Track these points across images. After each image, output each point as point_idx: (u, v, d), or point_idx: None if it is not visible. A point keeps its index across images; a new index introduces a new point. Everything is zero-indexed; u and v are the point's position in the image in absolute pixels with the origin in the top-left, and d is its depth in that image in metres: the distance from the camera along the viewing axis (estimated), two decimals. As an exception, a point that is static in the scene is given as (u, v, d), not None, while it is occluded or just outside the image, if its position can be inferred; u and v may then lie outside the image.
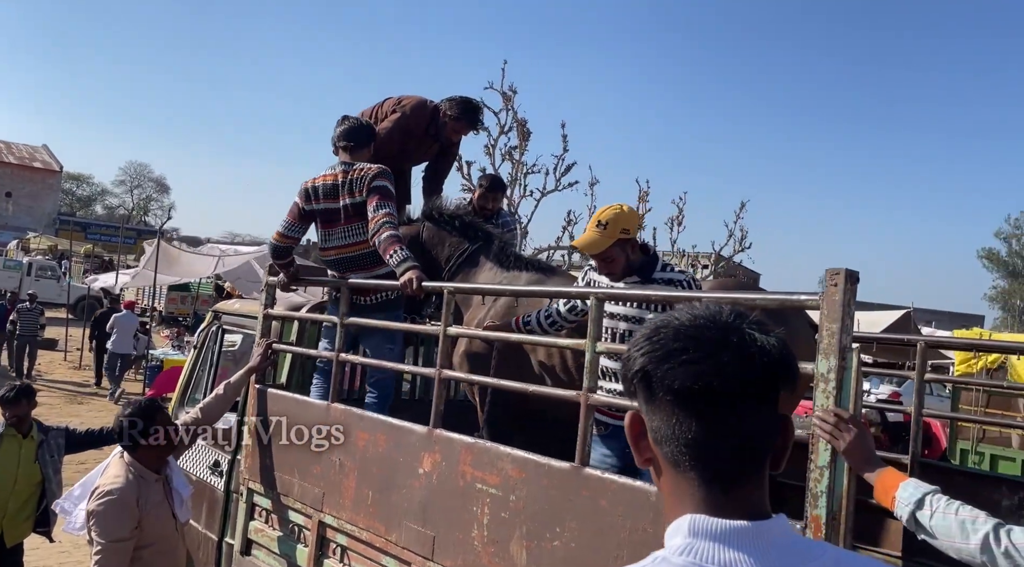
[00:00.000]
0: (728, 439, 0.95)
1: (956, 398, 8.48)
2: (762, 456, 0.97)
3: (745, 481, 0.96)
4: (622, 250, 3.12)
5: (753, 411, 0.95)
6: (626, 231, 3.09)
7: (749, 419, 0.95)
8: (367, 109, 4.89)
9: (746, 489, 0.96)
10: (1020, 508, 3.20)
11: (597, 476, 2.46)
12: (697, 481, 0.96)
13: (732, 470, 0.95)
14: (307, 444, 3.56)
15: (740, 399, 0.94)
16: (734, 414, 0.94)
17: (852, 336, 1.97)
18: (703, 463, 0.95)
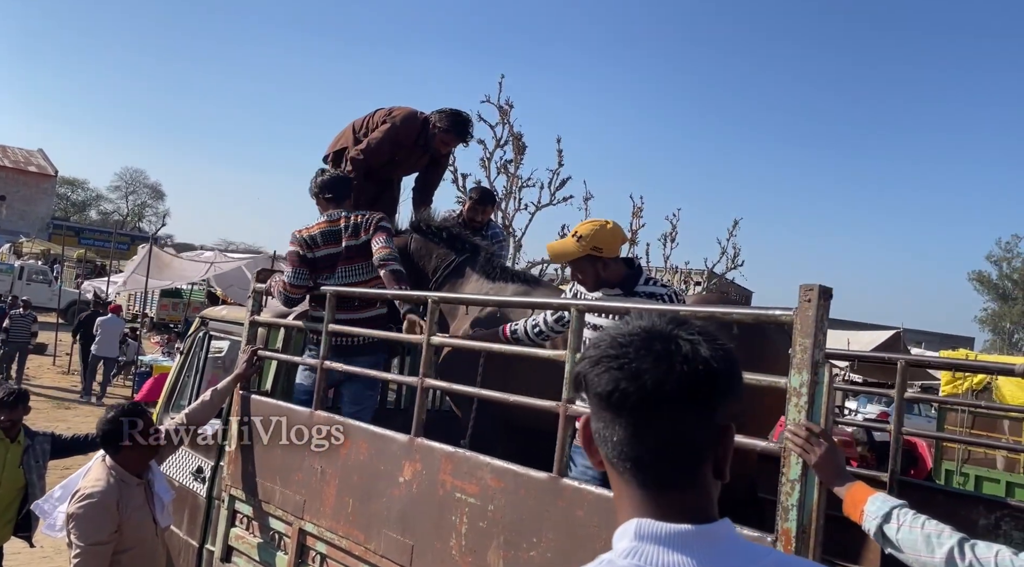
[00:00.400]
0: (653, 444, 0.97)
1: (942, 418, 8.53)
2: (694, 461, 0.99)
3: (682, 485, 0.98)
4: (591, 266, 3.12)
5: (676, 416, 0.97)
6: (598, 249, 3.07)
7: (671, 424, 0.97)
8: (358, 120, 4.93)
9: (684, 494, 0.98)
10: (997, 527, 3.22)
11: (574, 486, 2.47)
12: (633, 484, 0.99)
13: (662, 474, 0.98)
14: (289, 451, 3.57)
15: (657, 404, 0.96)
16: (654, 418, 0.97)
17: (825, 351, 2.00)
18: (634, 466, 0.98)
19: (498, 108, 15.29)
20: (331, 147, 5.02)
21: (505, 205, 15.60)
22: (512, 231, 15.50)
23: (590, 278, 3.15)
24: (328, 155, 5.02)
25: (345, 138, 4.92)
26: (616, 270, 3.17)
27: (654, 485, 0.98)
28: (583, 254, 3.08)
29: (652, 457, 0.98)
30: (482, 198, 5.20)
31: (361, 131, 4.85)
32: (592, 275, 3.14)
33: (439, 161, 5.06)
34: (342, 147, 4.90)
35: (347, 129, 4.97)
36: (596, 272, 3.13)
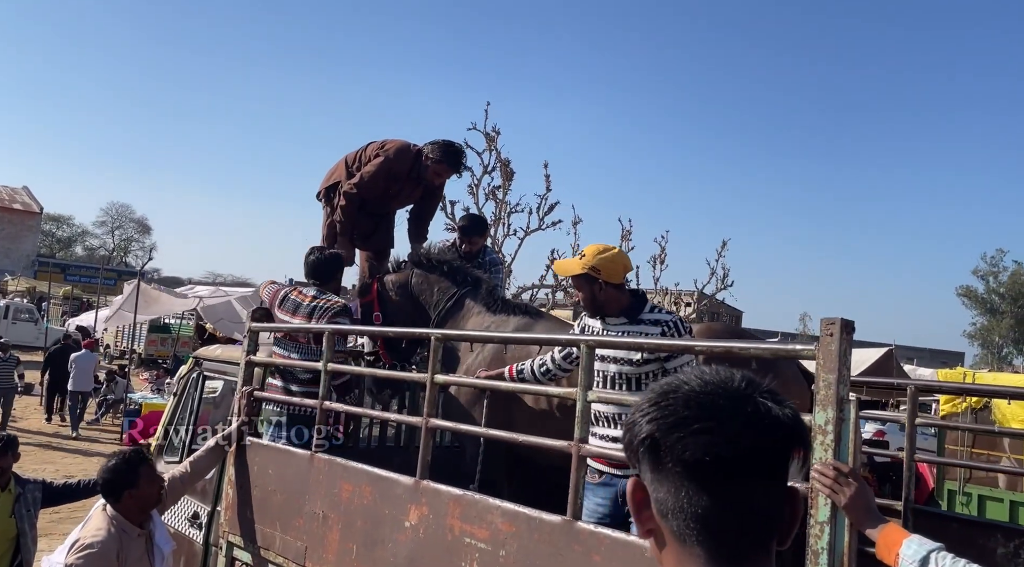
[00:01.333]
0: (739, 514, 0.90)
1: (942, 438, 8.47)
2: (772, 531, 0.93)
3: (753, 557, 0.91)
4: (588, 286, 3.17)
5: (765, 484, 0.91)
6: (596, 271, 3.14)
7: (761, 493, 0.91)
8: (351, 154, 4.90)
9: (753, 565, 0.91)
10: (1016, 555, 3.16)
11: (590, 530, 2.39)
12: (703, 557, 0.91)
13: (740, 546, 0.91)
14: (289, 496, 3.47)
15: (753, 472, 0.90)
16: (746, 488, 0.90)
17: (849, 387, 1.94)
18: (711, 539, 0.90)
19: (485, 135, 15.37)
20: (324, 183, 4.97)
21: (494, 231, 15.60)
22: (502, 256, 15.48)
23: (587, 298, 3.21)
24: (320, 191, 4.98)
25: (338, 173, 4.88)
26: (617, 298, 3.19)
27: (727, 559, 0.90)
28: (580, 272, 3.16)
29: (736, 529, 0.90)
30: (471, 228, 5.16)
31: (354, 165, 4.82)
32: (588, 295, 3.20)
33: (433, 192, 5.03)
34: (335, 181, 4.86)
35: (340, 163, 4.93)
36: (593, 293, 3.18)
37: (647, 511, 0.96)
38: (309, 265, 4.29)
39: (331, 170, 4.98)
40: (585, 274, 3.16)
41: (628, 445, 0.97)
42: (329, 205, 4.87)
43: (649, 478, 0.95)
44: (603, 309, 3.20)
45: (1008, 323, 56.49)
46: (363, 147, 4.88)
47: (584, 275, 3.16)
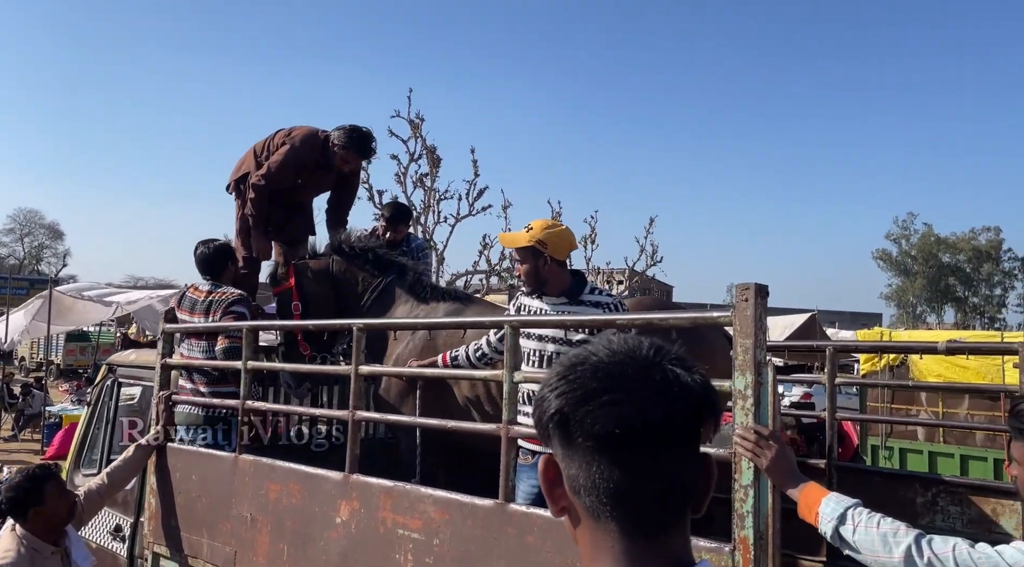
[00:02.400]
0: (652, 486, 0.87)
1: (864, 396, 8.82)
2: (686, 500, 0.90)
3: (668, 528, 0.89)
4: (533, 259, 3.15)
5: (678, 453, 0.88)
6: (543, 244, 3.12)
7: (673, 462, 0.88)
8: (259, 143, 4.73)
9: (669, 537, 0.89)
10: (934, 504, 3.28)
11: (523, 512, 2.37)
12: (618, 532, 0.88)
13: (656, 518, 0.88)
14: (214, 501, 3.35)
15: (665, 442, 0.87)
16: (658, 458, 0.87)
17: (766, 350, 1.96)
18: (625, 513, 0.87)
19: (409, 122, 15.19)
20: (233, 175, 4.79)
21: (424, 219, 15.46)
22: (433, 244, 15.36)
23: (530, 272, 3.18)
24: (230, 184, 4.79)
25: (247, 163, 4.70)
26: (560, 275, 3.19)
27: (644, 532, 0.88)
28: (527, 244, 3.14)
29: (650, 501, 0.88)
30: (395, 216, 5.08)
31: (263, 154, 4.65)
32: (532, 269, 3.17)
33: (349, 180, 4.89)
34: (245, 173, 4.68)
35: (248, 154, 4.76)
36: (536, 268, 3.16)
37: (559, 489, 0.93)
38: (197, 260, 4.16)
39: (240, 161, 4.79)
40: (531, 247, 3.15)
41: (538, 422, 0.94)
42: (240, 197, 4.69)
43: (560, 454, 0.92)
44: (544, 286, 3.19)
45: (921, 283, 59.36)
46: (271, 135, 4.72)
47: (530, 248, 3.15)
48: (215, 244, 4.24)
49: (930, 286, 59.58)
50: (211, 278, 4.13)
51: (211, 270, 4.15)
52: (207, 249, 4.19)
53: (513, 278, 17.02)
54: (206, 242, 4.25)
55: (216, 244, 4.25)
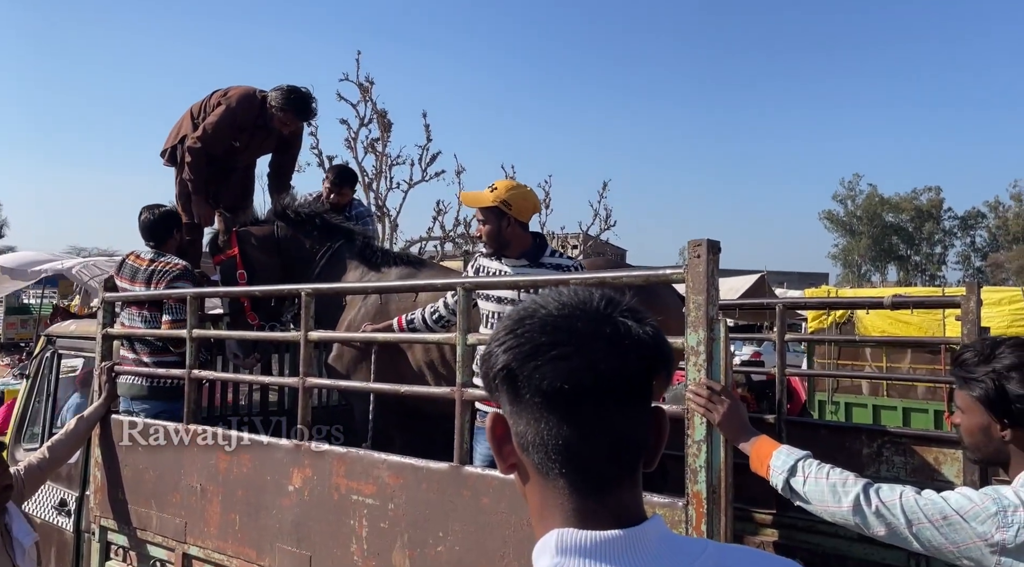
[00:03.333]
0: (602, 441, 0.85)
1: (811, 353, 9.04)
2: (637, 455, 0.88)
3: (619, 484, 0.86)
4: (496, 220, 3.11)
5: (629, 408, 0.85)
6: (507, 205, 3.08)
7: (624, 417, 0.85)
8: (196, 104, 4.54)
9: (620, 493, 0.86)
10: (879, 455, 3.38)
11: (477, 474, 2.36)
12: (567, 489, 0.85)
13: (606, 474, 0.86)
14: (163, 472, 3.27)
15: (615, 396, 0.84)
16: (609, 413, 0.84)
17: (718, 307, 1.96)
18: (575, 469, 0.85)
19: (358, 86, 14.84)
20: (169, 140, 4.60)
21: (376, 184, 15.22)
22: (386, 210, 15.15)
23: (492, 232, 3.14)
24: (166, 149, 4.60)
25: (184, 126, 4.52)
26: (522, 237, 3.15)
27: (594, 489, 0.85)
28: (491, 204, 3.09)
29: (600, 457, 0.85)
30: (339, 178, 4.93)
31: (200, 116, 4.46)
32: (495, 229, 3.13)
33: (290, 143, 4.73)
34: (182, 137, 4.51)
35: (185, 116, 4.57)
36: (499, 228, 3.12)
37: (508, 445, 0.90)
38: (141, 226, 4.00)
39: (177, 125, 4.60)
40: (495, 207, 3.10)
41: (485, 377, 0.90)
42: (179, 163, 4.51)
43: (508, 410, 0.89)
44: (506, 248, 3.15)
45: (866, 243, 60.92)
46: (207, 97, 4.52)
47: (494, 208, 3.10)
48: (160, 210, 4.07)
49: (874, 245, 61.19)
50: (155, 245, 3.98)
51: (154, 237, 3.99)
52: (151, 215, 4.03)
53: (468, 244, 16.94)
54: (151, 208, 4.08)
55: (162, 210, 4.08)
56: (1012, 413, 1.56)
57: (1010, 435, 1.58)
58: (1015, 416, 1.56)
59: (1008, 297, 8.04)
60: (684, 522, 1.92)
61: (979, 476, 2.87)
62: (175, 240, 4.04)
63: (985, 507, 1.50)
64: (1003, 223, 60.09)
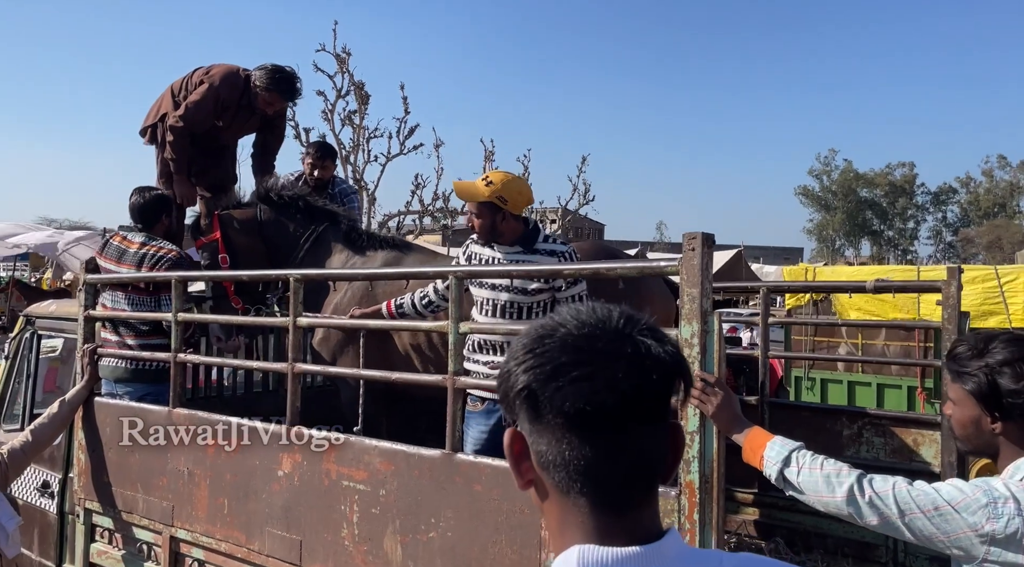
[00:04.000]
0: (623, 461, 0.86)
1: (788, 330, 9.16)
2: (656, 472, 0.90)
3: (638, 502, 0.88)
4: (491, 214, 3.06)
5: (649, 426, 0.87)
6: (503, 199, 3.02)
7: (645, 436, 0.87)
8: (177, 82, 4.45)
9: (639, 510, 0.88)
10: (860, 435, 3.44)
11: (470, 461, 2.37)
12: (588, 507, 0.87)
13: (626, 493, 0.87)
14: (149, 456, 3.25)
15: (636, 417, 0.85)
16: (629, 433, 0.85)
17: (712, 299, 1.97)
18: (595, 489, 0.86)
19: (335, 56, 14.63)
20: (149, 118, 4.50)
21: (354, 158, 15.07)
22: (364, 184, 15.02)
23: (486, 226, 3.09)
24: (147, 128, 4.51)
25: (164, 104, 4.42)
26: (515, 227, 3.11)
27: (614, 507, 0.86)
28: (487, 199, 3.03)
29: (621, 476, 0.86)
30: (320, 153, 4.84)
31: (181, 94, 4.37)
32: (489, 223, 3.07)
33: (274, 122, 4.65)
34: (163, 114, 4.42)
35: (165, 94, 4.47)
36: (494, 222, 3.07)
37: (527, 462, 0.91)
38: (131, 208, 3.93)
39: (156, 102, 4.50)
40: (490, 202, 3.03)
41: (504, 397, 0.90)
42: (159, 141, 4.42)
43: (528, 429, 0.89)
44: (499, 238, 3.10)
45: (840, 218, 61.53)
46: (189, 74, 4.42)
47: (489, 203, 3.04)
48: (152, 193, 3.99)
49: (848, 220, 61.82)
50: (143, 228, 3.91)
51: (144, 220, 3.91)
52: (142, 197, 3.94)
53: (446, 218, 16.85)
54: (142, 190, 3.99)
55: (153, 193, 3.99)
56: (1003, 407, 1.60)
57: (1000, 428, 1.62)
58: (1006, 410, 1.60)
59: (981, 275, 8.18)
60: (677, 511, 1.95)
61: (956, 457, 2.95)
62: (163, 224, 3.96)
63: (976, 498, 1.54)
64: (974, 199, 60.96)
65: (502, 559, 2.24)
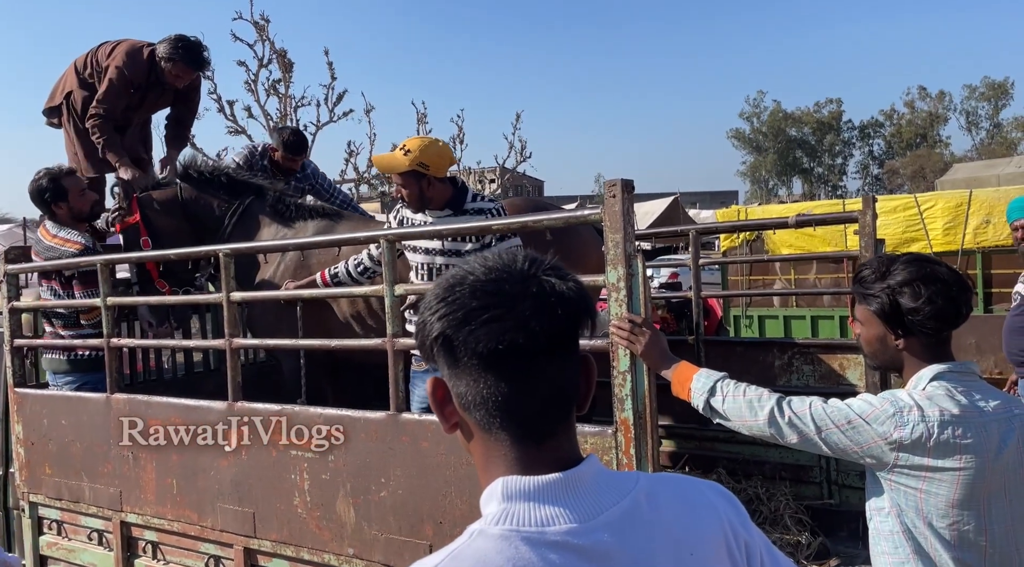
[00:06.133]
0: (539, 394, 0.91)
1: (725, 271, 9.40)
2: (571, 402, 0.95)
3: (556, 431, 0.93)
4: (416, 182, 3.03)
5: (559, 360, 0.92)
6: (425, 166, 2.99)
7: (556, 368, 0.92)
8: (80, 58, 4.30)
9: (557, 439, 0.93)
10: (790, 365, 3.60)
11: (415, 420, 2.42)
12: (509, 441, 0.92)
13: (543, 423, 0.92)
14: (92, 443, 3.21)
15: (546, 351, 0.90)
16: (542, 367, 0.91)
17: (635, 243, 2.03)
18: (515, 422, 0.91)
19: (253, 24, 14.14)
20: (52, 98, 4.34)
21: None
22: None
23: (414, 195, 3.06)
24: (51, 108, 4.34)
25: (68, 81, 4.27)
26: (443, 191, 3.09)
27: (533, 438, 0.92)
28: (409, 169, 3.00)
29: (538, 410, 0.91)
30: (296, 145, 4.55)
31: (86, 71, 4.21)
32: (416, 192, 3.05)
33: (188, 95, 4.51)
34: (68, 91, 4.27)
35: (68, 71, 4.32)
36: (421, 190, 3.04)
37: (449, 406, 0.96)
38: (29, 195, 3.79)
39: (60, 80, 4.34)
40: (412, 170, 3.00)
41: (421, 345, 0.96)
42: (69, 116, 4.27)
43: (447, 374, 0.94)
44: (429, 204, 3.08)
45: (772, 158, 62.77)
46: (93, 50, 4.26)
47: (411, 172, 3.00)
48: (44, 178, 3.78)
49: (780, 160, 63.11)
50: (48, 216, 3.78)
51: (42, 205, 3.78)
52: (34, 184, 3.78)
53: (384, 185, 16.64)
54: (35, 177, 3.80)
55: (42, 179, 3.77)
56: (904, 324, 1.70)
57: (903, 344, 1.73)
58: (907, 327, 1.70)
59: (902, 204, 8.48)
60: (614, 448, 2.03)
61: (879, 378, 3.12)
62: (64, 208, 3.77)
63: (884, 409, 1.65)
64: (898, 131, 62.80)
65: (452, 510, 2.31)
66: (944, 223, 8.06)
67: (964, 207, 7.96)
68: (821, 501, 3.25)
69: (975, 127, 59.77)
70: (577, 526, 0.87)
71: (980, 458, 1.59)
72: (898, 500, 1.65)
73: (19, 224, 13.02)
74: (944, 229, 8.04)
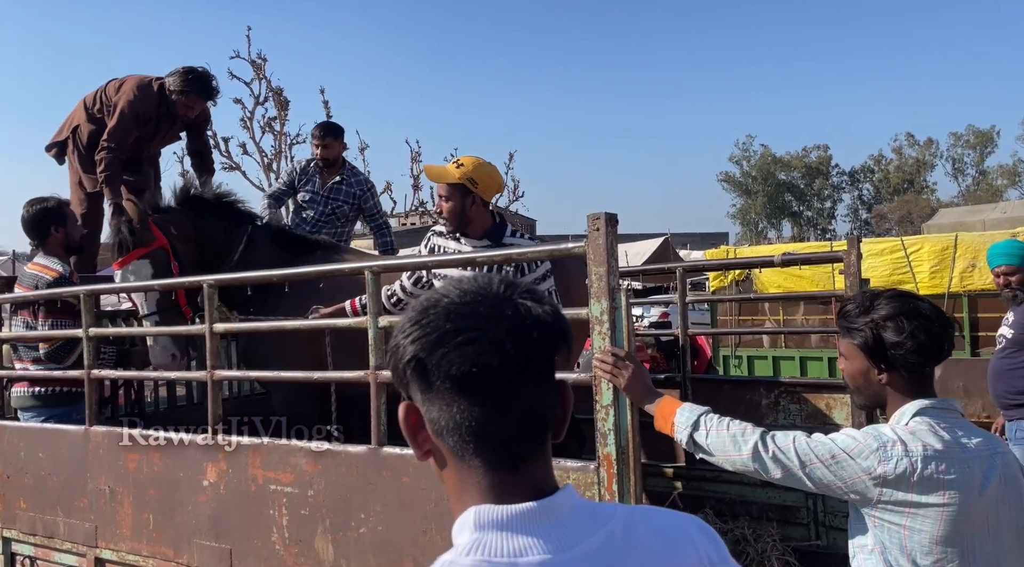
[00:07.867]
0: (513, 419, 0.89)
1: (714, 311, 9.42)
2: (545, 428, 0.93)
3: (530, 458, 0.91)
4: (461, 198, 3.02)
5: (534, 384, 0.90)
6: (474, 182, 2.99)
7: (531, 394, 0.90)
8: (89, 95, 4.39)
9: (532, 466, 0.91)
10: (776, 404, 3.59)
11: (396, 454, 2.38)
12: (483, 468, 0.89)
13: (517, 450, 0.90)
14: (68, 477, 3.15)
15: (521, 374, 0.88)
16: (516, 391, 0.88)
17: (619, 277, 2.03)
18: (489, 448, 0.89)
19: (251, 62, 14.32)
20: (61, 133, 4.41)
21: (277, 165, 14.78)
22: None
23: (456, 209, 3.04)
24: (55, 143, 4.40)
25: (77, 116, 4.36)
26: (483, 216, 3.08)
27: (507, 465, 0.89)
28: (458, 181, 2.99)
29: (512, 434, 0.89)
30: (322, 132, 4.85)
31: (95, 107, 4.29)
32: (459, 207, 3.03)
33: (198, 126, 4.60)
34: (76, 126, 4.34)
35: (78, 107, 4.46)
36: (464, 206, 3.02)
37: (422, 433, 0.93)
38: (22, 222, 3.77)
39: (68, 118, 4.44)
40: (461, 184, 2.99)
41: (394, 369, 0.93)
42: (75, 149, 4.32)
43: (420, 399, 0.91)
44: (467, 226, 3.06)
45: (761, 201, 63.39)
46: (103, 86, 4.36)
47: (460, 185, 2.99)
48: (38, 206, 3.77)
49: (769, 203, 63.70)
50: (38, 244, 3.77)
51: (34, 234, 3.76)
52: (27, 212, 3.77)
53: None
54: (31, 203, 3.80)
55: (39, 206, 3.77)
56: (888, 359, 1.70)
57: (887, 378, 1.72)
58: (890, 361, 1.70)
59: (889, 247, 8.56)
60: (596, 483, 2.01)
61: (865, 418, 3.10)
62: (57, 236, 3.76)
63: (868, 444, 1.63)
64: (885, 176, 63.63)
65: (433, 548, 2.26)
66: (931, 266, 8.13)
67: (950, 251, 8.04)
68: (808, 543, 3.21)
69: (960, 174, 60.67)
70: (551, 557, 0.85)
71: (963, 494, 1.58)
72: (882, 537, 1.63)
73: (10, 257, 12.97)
74: (931, 272, 8.11)
